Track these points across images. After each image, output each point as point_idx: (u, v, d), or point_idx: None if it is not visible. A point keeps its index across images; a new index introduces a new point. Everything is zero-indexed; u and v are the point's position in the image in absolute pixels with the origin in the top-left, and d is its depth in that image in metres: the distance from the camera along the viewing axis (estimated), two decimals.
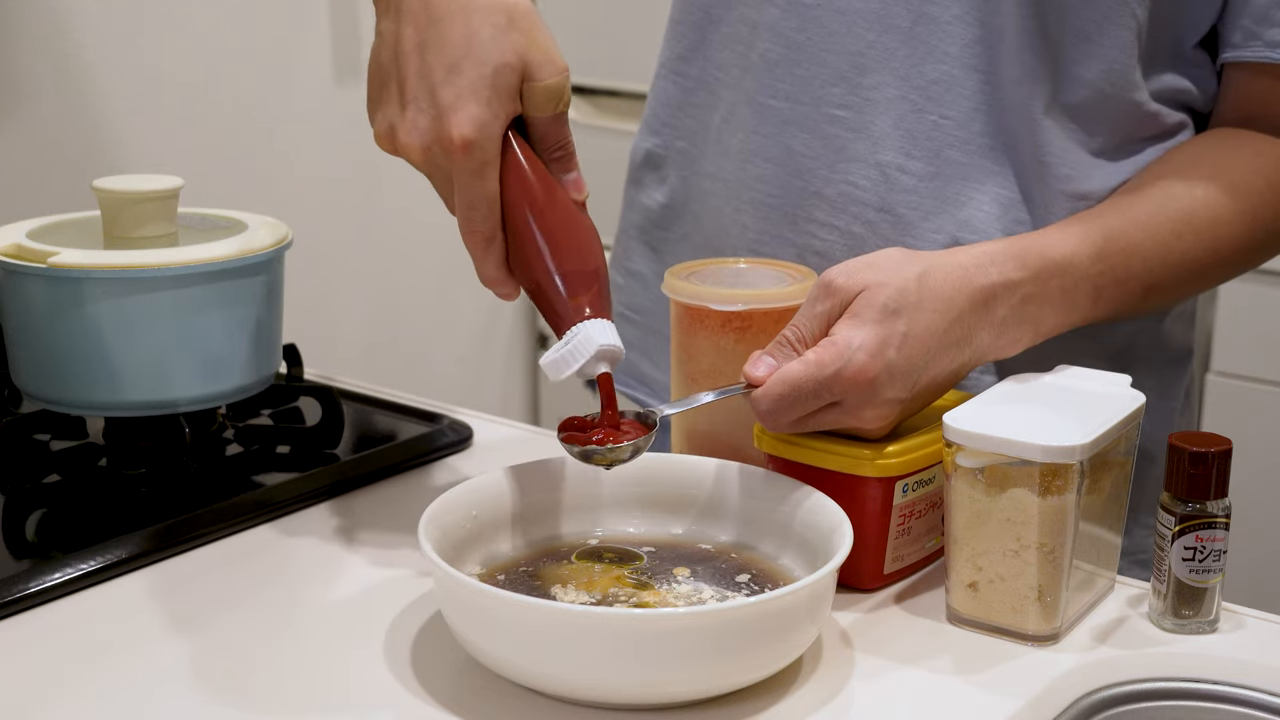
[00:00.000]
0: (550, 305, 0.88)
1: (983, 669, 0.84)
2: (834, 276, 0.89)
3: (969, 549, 0.86)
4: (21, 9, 1.85)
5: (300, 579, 0.96)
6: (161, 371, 1.07)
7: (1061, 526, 0.84)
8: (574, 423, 0.88)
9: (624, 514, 0.94)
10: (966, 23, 1.02)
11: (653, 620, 0.77)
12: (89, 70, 1.93)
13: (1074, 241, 0.96)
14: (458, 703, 0.80)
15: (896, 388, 0.87)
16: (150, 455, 1.10)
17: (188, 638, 0.88)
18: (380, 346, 2.45)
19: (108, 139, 1.96)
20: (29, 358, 1.09)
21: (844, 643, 0.86)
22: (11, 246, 1.07)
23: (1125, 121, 1.04)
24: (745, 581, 0.89)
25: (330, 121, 2.29)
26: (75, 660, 0.85)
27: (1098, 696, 0.84)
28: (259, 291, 1.10)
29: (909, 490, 0.90)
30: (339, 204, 2.33)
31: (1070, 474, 0.83)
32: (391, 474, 1.11)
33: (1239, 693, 0.85)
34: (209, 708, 0.81)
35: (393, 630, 0.88)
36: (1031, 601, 0.85)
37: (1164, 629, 0.88)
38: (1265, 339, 2.39)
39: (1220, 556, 0.87)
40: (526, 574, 0.89)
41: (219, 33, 2.10)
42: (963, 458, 0.85)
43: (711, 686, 0.79)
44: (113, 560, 0.95)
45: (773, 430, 0.89)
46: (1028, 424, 0.84)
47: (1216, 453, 0.86)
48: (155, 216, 1.11)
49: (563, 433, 0.88)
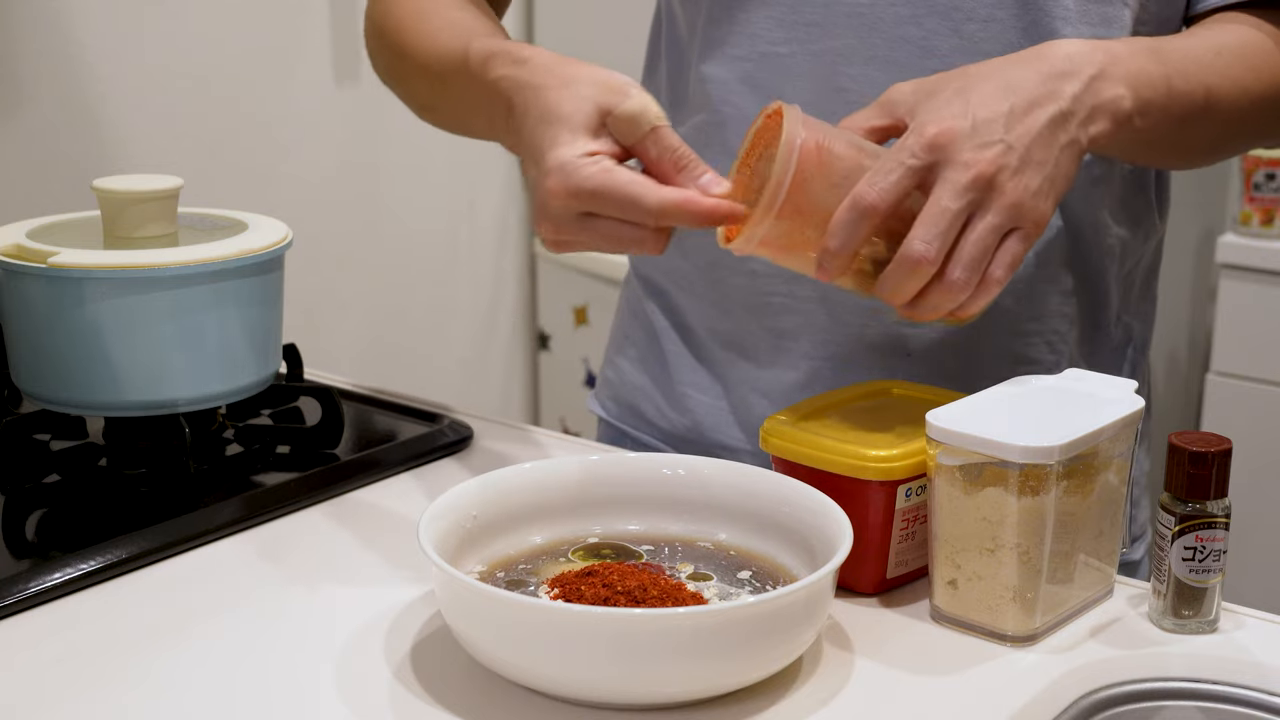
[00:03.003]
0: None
1: (982, 670, 0.84)
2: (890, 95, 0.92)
3: (949, 547, 0.87)
4: (21, 9, 1.85)
5: (300, 579, 0.96)
6: (161, 371, 1.07)
7: (1038, 528, 0.84)
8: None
9: (623, 513, 0.94)
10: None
11: (652, 620, 0.77)
12: (89, 70, 1.93)
13: (1131, 41, 0.98)
14: (458, 703, 0.80)
15: (984, 132, 0.87)
16: (150, 455, 1.10)
17: (187, 637, 0.88)
18: (380, 346, 2.45)
19: (108, 139, 1.96)
20: (29, 358, 1.09)
21: (844, 644, 0.86)
22: (11, 246, 1.07)
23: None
24: (747, 579, 0.89)
25: (330, 121, 2.29)
26: (75, 660, 0.85)
27: (1097, 697, 0.84)
28: (259, 291, 1.10)
29: (912, 495, 0.90)
30: (339, 204, 2.33)
31: (1047, 475, 0.83)
32: (391, 474, 1.11)
33: (1239, 693, 0.85)
34: (209, 707, 0.81)
35: (393, 630, 0.88)
36: (1008, 601, 0.86)
37: (1164, 629, 0.88)
38: (1265, 339, 2.39)
39: (1220, 556, 0.87)
40: (526, 573, 0.89)
41: (219, 33, 2.10)
42: (944, 456, 0.86)
43: (711, 686, 0.79)
44: (113, 560, 0.95)
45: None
46: (1009, 425, 0.85)
47: (1216, 453, 0.86)
48: (155, 216, 1.11)
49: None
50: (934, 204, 0.86)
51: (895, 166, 0.87)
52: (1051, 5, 1.03)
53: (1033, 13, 1.03)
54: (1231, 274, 2.41)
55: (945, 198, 0.86)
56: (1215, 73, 0.99)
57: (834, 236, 0.87)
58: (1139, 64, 0.95)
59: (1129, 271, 1.15)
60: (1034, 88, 0.90)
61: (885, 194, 0.86)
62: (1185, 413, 2.70)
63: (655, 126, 0.88)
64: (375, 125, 2.31)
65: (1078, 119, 0.91)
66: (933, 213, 0.86)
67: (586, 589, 0.84)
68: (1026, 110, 0.89)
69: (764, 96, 1.07)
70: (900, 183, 0.87)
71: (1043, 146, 0.89)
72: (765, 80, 1.07)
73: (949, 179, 0.86)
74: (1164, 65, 0.96)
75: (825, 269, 0.88)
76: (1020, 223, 0.88)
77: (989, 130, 0.87)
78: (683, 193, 0.87)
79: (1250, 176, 2.42)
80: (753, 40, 1.07)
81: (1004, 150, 0.87)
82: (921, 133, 0.87)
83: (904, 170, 0.87)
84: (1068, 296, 1.10)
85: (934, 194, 0.86)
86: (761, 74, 1.07)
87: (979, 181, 0.86)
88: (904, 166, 0.87)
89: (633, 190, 0.86)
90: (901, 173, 0.87)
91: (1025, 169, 0.88)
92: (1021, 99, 0.89)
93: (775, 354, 1.12)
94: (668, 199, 0.86)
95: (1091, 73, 0.92)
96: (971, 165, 0.86)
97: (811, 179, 0.87)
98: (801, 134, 0.87)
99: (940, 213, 0.86)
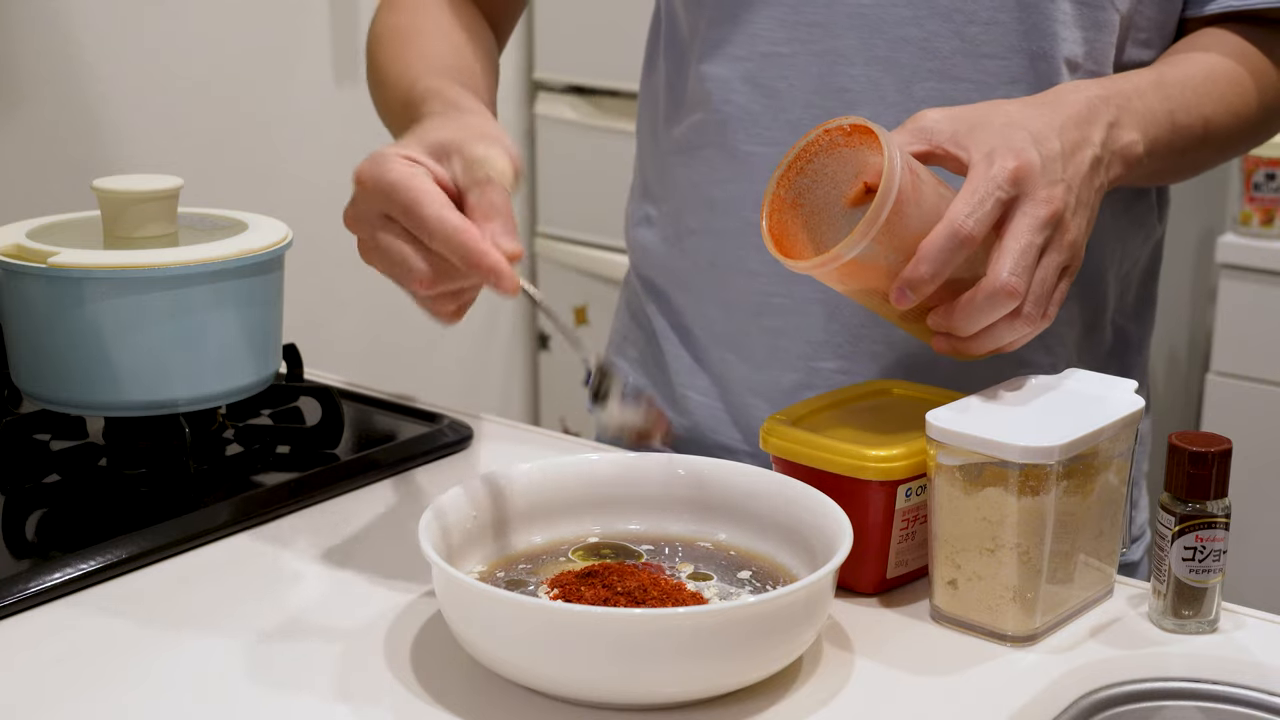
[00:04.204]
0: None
1: (982, 670, 0.84)
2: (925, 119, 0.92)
3: (949, 547, 0.87)
4: (21, 9, 1.85)
5: (300, 579, 0.96)
6: (161, 371, 1.07)
7: (1038, 528, 0.84)
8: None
9: (623, 513, 0.94)
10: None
11: (652, 620, 0.77)
12: (89, 70, 1.93)
13: (1135, 77, 1.00)
14: (458, 703, 0.80)
15: (1051, 170, 0.88)
16: (150, 455, 1.10)
17: (187, 637, 0.88)
18: (380, 346, 2.45)
19: (108, 139, 1.96)
20: (29, 358, 1.09)
21: (844, 644, 0.86)
22: (11, 246, 1.07)
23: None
24: (747, 578, 0.89)
25: (330, 121, 2.29)
26: (75, 660, 0.85)
27: (1097, 697, 0.84)
28: (259, 291, 1.10)
29: (912, 495, 0.90)
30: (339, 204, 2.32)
31: (1047, 475, 0.83)
32: (391, 474, 1.11)
33: (1239, 693, 0.85)
34: (209, 707, 0.81)
35: (393, 630, 0.88)
36: (1008, 601, 0.86)
37: (1164, 629, 0.88)
38: (1265, 339, 2.39)
39: (1220, 556, 0.87)
40: (526, 573, 0.89)
41: (219, 33, 2.10)
42: (943, 455, 0.86)
43: (711, 686, 0.79)
44: (113, 560, 0.95)
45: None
46: (1008, 424, 0.85)
47: (1216, 453, 0.86)
48: (155, 216, 1.11)
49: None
50: (1019, 237, 0.87)
51: (987, 197, 0.87)
52: (1051, 9, 1.03)
53: (1034, 16, 1.03)
54: (1231, 274, 2.41)
55: (1029, 232, 0.87)
56: (1212, 100, 1.02)
57: (927, 262, 0.86)
58: (1146, 104, 0.97)
59: (1127, 272, 1.15)
60: (1073, 131, 0.92)
61: (981, 223, 0.87)
62: (1185, 413, 2.70)
63: (491, 179, 0.86)
64: (375, 125, 2.30)
65: (1104, 163, 0.93)
66: (1020, 245, 0.87)
67: (587, 590, 0.84)
68: (1073, 152, 0.91)
69: (765, 96, 1.07)
70: (993, 214, 0.87)
71: (1087, 188, 0.91)
72: (767, 80, 1.07)
73: (1030, 213, 0.87)
74: (1168, 101, 0.99)
75: (906, 296, 0.87)
76: (1073, 261, 0.90)
77: (1053, 168, 0.89)
78: (466, 224, 0.83)
79: (1250, 176, 2.42)
80: (754, 40, 1.07)
81: (1067, 189, 0.89)
82: (1005, 165, 0.87)
83: (995, 202, 0.87)
84: (1065, 299, 1.10)
85: (1016, 227, 0.87)
86: (763, 74, 1.07)
87: (1054, 219, 0.88)
88: (994, 198, 0.87)
89: (421, 197, 0.84)
90: (993, 203, 0.87)
91: (1080, 209, 0.90)
92: (1067, 141, 0.91)
93: (774, 355, 1.12)
94: (447, 220, 0.83)
95: (1109, 119, 0.94)
96: (1049, 201, 0.88)
97: (907, 203, 0.86)
98: (900, 157, 0.86)
99: (1027, 246, 0.87)
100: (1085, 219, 0.91)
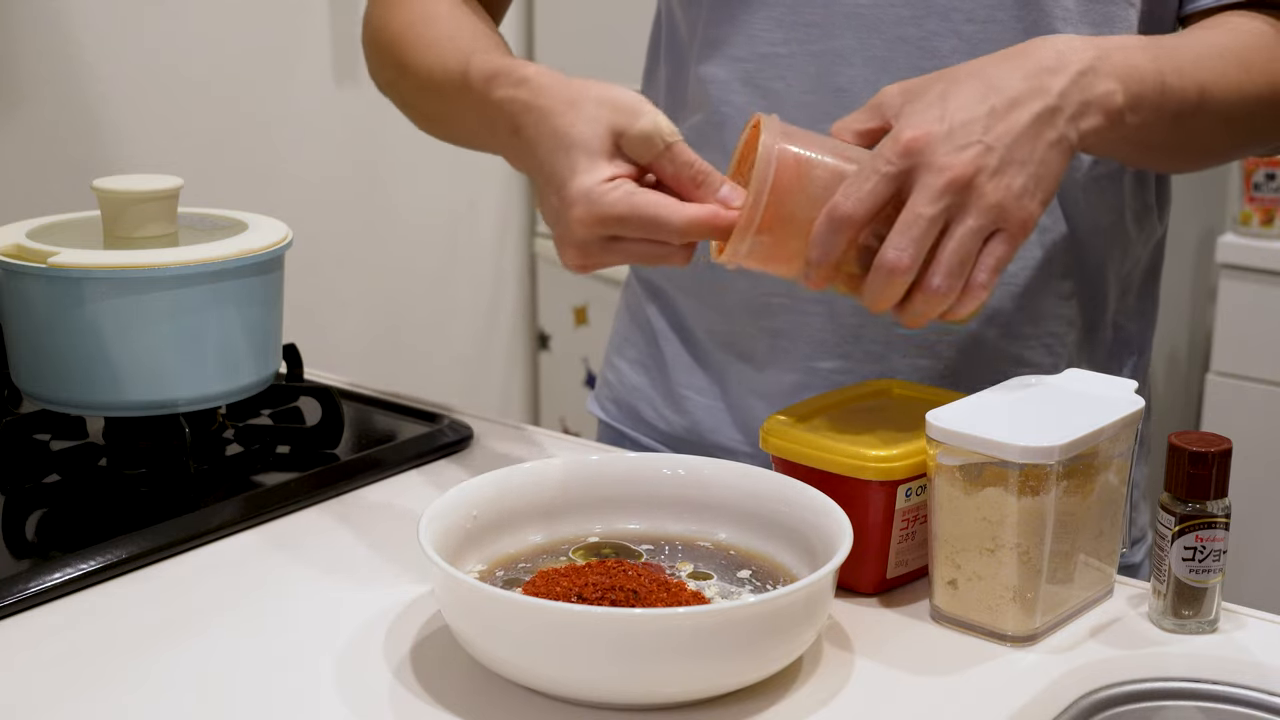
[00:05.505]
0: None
1: (982, 670, 0.84)
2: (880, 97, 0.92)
3: (949, 547, 0.87)
4: (21, 9, 1.85)
5: (300, 579, 0.96)
6: (161, 371, 1.07)
7: (1038, 528, 0.84)
8: None
9: (623, 513, 0.94)
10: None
11: (652, 620, 0.77)
12: (89, 70, 1.93)
13: (1124, 37, 0.97)
14: (458, 703, 0.80)
15: (961, 135, 0.86)
16: (150, 455, 1.10)
17: (187, 638, 0.88)
18: (380, 346, 2.45)
19: (108, 139, 1.96)
20: (29, 358, 1.09)
21: (844, 644, 0.86)
22: (11, 246, 1.07)
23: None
24: (747, 577, 0.89)
25: (330, 121, 2.29)
26: (75, 660, 0.85)
27: (1097, 697, 0.84)
28: (259, 291, 1.10)
29: (912, 495, 0.90)
30: (339, 204, 2.34)
31: (1047, 475, 0.83)
32: (391, 474, 1.11)
33: (1239, 693, 0.85)
34: (209, 707, 0.81)
35: (393, 630, 0.88)
36: (1008, 601, 0.86)
37: (1164, 629, 0.88)
38: (1265, 339, 2.39)
39: (1220, 556, 0.87)
40: (526, 572, 0.89)
41: (219, 33, 2.10)
42: (943, 455, 0.86)
43: (711, 686, 0.79)
44: (113, 560, 0.95)
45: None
46: (1008, 424, 0.85)
47: (1216, 453, 0.86)
48: (155, 216, 1.11)
49: None
50: (908, 210, 0.85)
51: (870, 174, 0.86)
52: (1052, 6, 1.03)
53: (1033, 13, 1.03)
54: (1231, 274, 2.41)
55: (919, 203, 0.85)
56: (1209, 70, 0.98)
57: (814, 248, 0.87)
58: (1130, 59, 0.94)
59: (1128, 273, 1.14)
60: (1017, 85, 0.89)
61: (861, 203, 0.86)
62: (1185, 413, 2.70)
63: (669, 144, 0.88)
64: (375, 125, 2.31)
65: (1066, 115, 0.89)
66: (907, 219, 0.85)
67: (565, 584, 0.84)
68: (1008, 109, 0.88)
69: (764, 97, 1.07)
70: (876, 190, 0.86)
71: (1026, 145, 0.88)
72: (765, 81, 1.07)
73: (924, 184, 0.85)
74: (1156, 61, 0.95)
75: (810, 279, 0.88)
76: (1004, 224, 0.86)
77: (966, 132, 0.86)
78: (706, 208, 0.87)
79: (1250, 176, 2.42)
80: (752, 41, 1.07)
81: (982, 151, 0.86)
82: (897, 138, 0.86)
83: (879, 178, 0.86)
84: (1066, 300, 1.10)
85: (910, 201, 0.86)
86: (761, 75, 1.07)
87: (955, 185, 0.85)
88: (879, 174, 0.86)
89: (658, 213, 0.86)
90: (876, 180, 0.86)
91: (1006, 169, 0.86)
92: (1003, 98, 0.88)
93: (774, 355, 1.12)
94: (693, 217, 0.87)
95: (1079, 68, 0.91)
96: (947, 169, 0.85)
97: (791, 191, 0.87)
98: (778, 145, 0.87)
99: (914, 219, 0.85)
100: (1021, 178, 0.87)
